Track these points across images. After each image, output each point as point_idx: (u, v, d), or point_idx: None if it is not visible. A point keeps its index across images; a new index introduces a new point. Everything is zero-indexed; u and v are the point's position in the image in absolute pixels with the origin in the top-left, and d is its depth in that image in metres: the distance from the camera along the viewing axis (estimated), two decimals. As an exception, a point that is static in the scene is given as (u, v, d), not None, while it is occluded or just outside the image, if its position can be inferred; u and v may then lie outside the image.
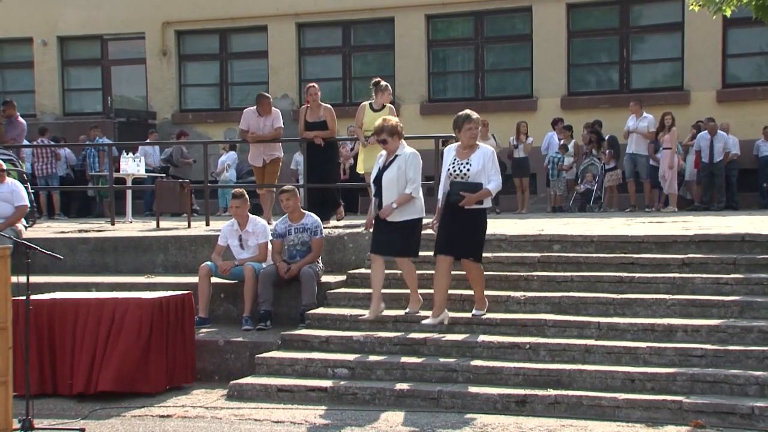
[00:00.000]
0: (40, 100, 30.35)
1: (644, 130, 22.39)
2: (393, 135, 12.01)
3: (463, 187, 11.58)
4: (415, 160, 12.10)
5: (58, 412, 10.74)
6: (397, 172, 11.94)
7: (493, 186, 11.62)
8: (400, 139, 12.14)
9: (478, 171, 11.62)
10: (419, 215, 12.17)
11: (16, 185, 14.89)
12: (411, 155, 12.09)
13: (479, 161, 11.67)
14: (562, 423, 9.57)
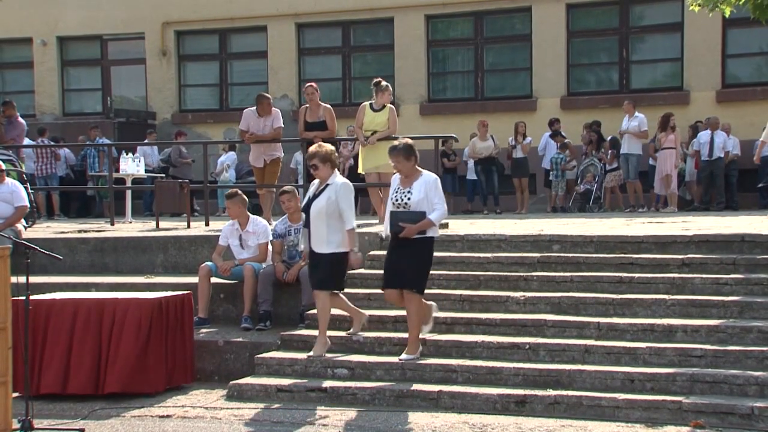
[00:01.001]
0: (40, 101, 30.35)
1: (635, 130, 22.39)
2: (325, 162, 11.57)
3: (403, 217, 11.16)
4: (346, 190, 11.63)
5: (58, 412, 10.74)
6: (327, 202, 11.45)
7: (435, 215, 11.07)
8: (333, 168, 11.70)
9: (420, 200, 11.13)
10: (343, 249, 11.52)
11: (15, 185, 14.89)
12: (342, 186, 11.61)
13: (420, 190, 11.18)
14: (561, 423, 9.57)
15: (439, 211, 11.13)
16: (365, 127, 16.00)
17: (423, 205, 11.13)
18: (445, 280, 12.68)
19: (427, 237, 11.19)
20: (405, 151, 11.42)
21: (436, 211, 11.10)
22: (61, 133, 27.46)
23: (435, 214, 11.09)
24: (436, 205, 11.13)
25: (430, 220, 11.07)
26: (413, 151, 11.46)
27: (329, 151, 11.71)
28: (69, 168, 26.45)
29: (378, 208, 16.58)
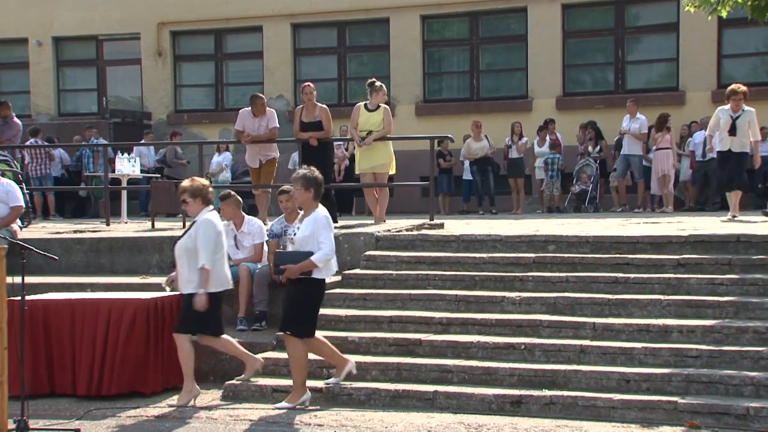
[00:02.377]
0: (36, 101, 30.32)
1: (636, 131, 22.45)
2: (195, 197, 11.12)
3: (286, 258, 10.79)
4: (206, 227, 11.03)
5: (54, 412, 10.74)
6: (187, 239, 11.04)
7: (318, 256, 10.53)
8: (204, 204, 11.15)
9: (305, 237, 10.65)
10: (213, 289, 11.04)
11: (11, 186, 14.87)
12: (202, 223, 11.07)
13: (308, 227, 10.68)
14: (557, 423, 9.57)
15: (323, 251, 10.55)
16: (360, 127, 16.01)
17: (309, 243, 10.60)
18: (440, 281, 12.70)
19: (312, 279, 10.66)
20: (303, 180, 10.83)
21: (320, 251, 10.53)
22: (56, 133, 27.43)
23: (318, 254, 10.52)
24: (322, 244, 10.56)
25: (311, 261, 10.53)
26: (313, 183, 10.81)
27: (200, 186, 11.18)
28: (64, 168, 26.43)
29: (373, 208, 16.59)
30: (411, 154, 21.00)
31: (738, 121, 16.55)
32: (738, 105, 16.63)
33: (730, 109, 16.68)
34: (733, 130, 16.63)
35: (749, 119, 16.60)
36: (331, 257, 10.71)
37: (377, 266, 13.44)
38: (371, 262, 13.53)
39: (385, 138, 16.14)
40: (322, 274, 10.74)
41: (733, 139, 16.67)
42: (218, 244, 11.08)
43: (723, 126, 16.74)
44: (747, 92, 16.96)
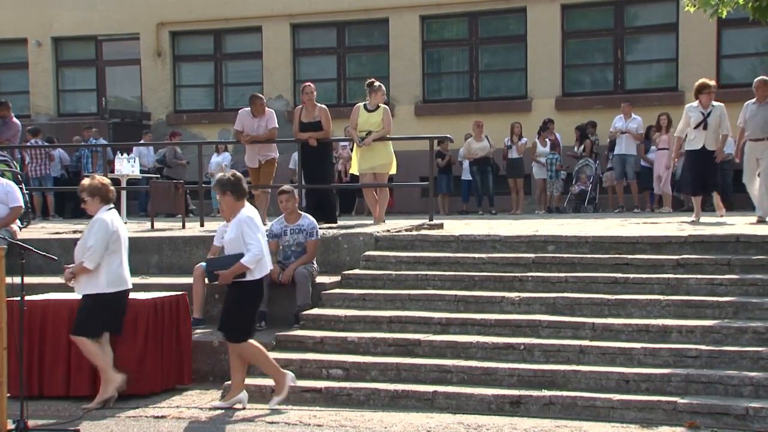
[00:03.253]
0: (35, 101, 30.32)
1: (634, 131, 22.52)
2: (93, 196, 11.00)
3: (217, 263, 10.79)
4: (98, 227, 10.91)
5: (53, 413, 10.75)
6: (82, 240, 10.92)
7: (248, 258, 10.49)
8: (103, 203, 11.03)
9: (232, 240, 10.67)
10: (100, 290, 10.91)
11: (10, 186, 14.87)
12: (95, 222, 10.96)
13: (233, 229, 10.67)
14: (556, 424, 9.58)
15: (251, 252, 10.50)
16: (360, 127, 16.01)
17: (237, 246, 10.60)
18: (440, 281, 12.70)
19: (245, 281, 10.64)
20: (218, 185, 10.81)
21: (248, 253, 10.48)
22: (56, 133, 27.43)
23: (247, 256, 10.48)
24: (249, 246, 10.51)
25: (241, 264, 10.51)
26: (229, 186, 10.72)
27: (99, 185, 11.04)
28: (64, 168, 26.43)
29: (373, 208, 16.59)
30: (410, 154, 20.99)
31: (709, 118, 16.07)
32: (709, 99, 16.11)
33: (701, 106, 16.14)
34: (705, 127, 16.09)
35: (720, 114, 16.13)
36: (260, 257, 10.60)
37: (377, 266, 13.44)
38: (370, 263, 13.53)
39: (385, 138, 16.13)
40: (256, 275, 10.69)
41: (706, 136, 16.11)
42: (112, 243, 10.98)
43: (694, 124, 16.19)
44: (715, 87, 16.49)
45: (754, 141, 16.03)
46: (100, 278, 10.91)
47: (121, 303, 11.17)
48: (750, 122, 16.09)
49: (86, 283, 10.87)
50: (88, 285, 10.89)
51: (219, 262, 10.87)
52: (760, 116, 15.97)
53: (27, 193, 17.44)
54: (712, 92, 16.15)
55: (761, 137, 15.93)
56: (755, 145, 16.03)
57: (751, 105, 16.24)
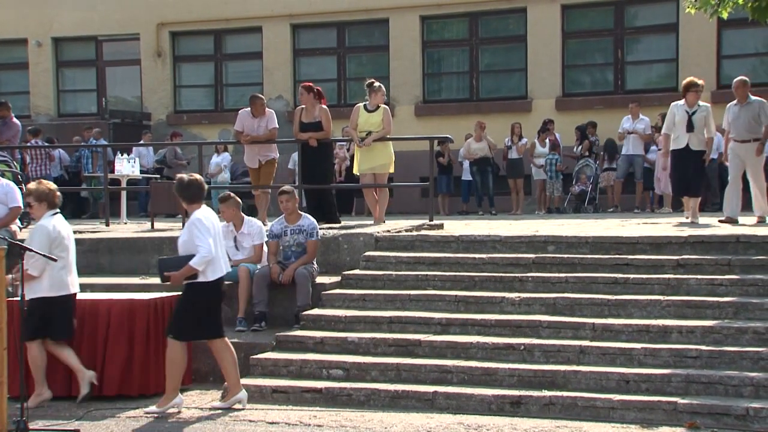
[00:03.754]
0: (35, 101, 30.31)
1: (641, 132, 22.58)
2: (40, 201, 11.06)
3: (169, 264, 10.74)
4: (39, 232, 10.92)
5: (53, 413, 10.75)
6: None
7: (195, 259, 10.46)
8: (49, 208, 11.06)
9: (184, 242, 10.67)
10: (42, 294, 10.93)
11: (10, 186, 14.87)
12: (36, 228, 11.02)
13: (185, 231, 10.71)
14: (556, 424, 9.58)
15: (199, 254, 10.46)
16: (360, 128, 16.00)
17: (189, 247, 10.58)
18: (440, 281, 12.70)
19: (196, 283, 10.61)
20: (175, 187, 10.89)
21: (197, 254, 10.46)
22: (56, 134, 27.42)
23: (195, 257, 10.46)
24: (198, 247, 10.48)
25: (189, 265, 10.50)
26: (181, 187, 10.81)
27: (46, 191, 11.07)
28: (64, 169, 26.42)
29: (373, 208, 16.58)
30: (410, 154, 20.99)
31: (694, 117, 15.71)
32: (696, 98, 15.79)
33: (686, 104, 15.80)
34: (690, 126, 15.72)
35: (705, 114, 15.79)
36: (208, 258, 10.53)
37: (377, 267, 13.44)
38: (371, 263, 13.53)
39: (385, 138, 16.13)
40: (208, 276, 10.65)
41: (690, 136, 15.72)
42: (55, 248, 10.93)
43: (679, 123, 15.81)
44: (703, 85, 16.20)
45: (739, 142, 15.82)
46: (43, 282, 10.92)
47: (64, 307, 11.12)
48: (734, 124, 15.88)
49: (29, 287, 10.67)
50: (31, 289, 10.75)
51: (171, 262, 10.84)
52: (743, 117, 15.74)
53: (27, 193, 17.42)
54: (699, 91, 15.90)
55: (746, 138, 15.73)
56: (740, 146, 15.82)
57: (733, 107, 15.99)
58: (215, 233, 10.78)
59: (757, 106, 15.73)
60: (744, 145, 15.75)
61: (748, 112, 15.71)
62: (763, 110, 15.68)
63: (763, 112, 15.67)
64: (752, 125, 15.70)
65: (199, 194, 10.81)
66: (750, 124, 15.69)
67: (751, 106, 15.74)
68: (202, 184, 10.89)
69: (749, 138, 15.70)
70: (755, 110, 15.68)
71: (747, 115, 15.70)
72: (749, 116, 15.68)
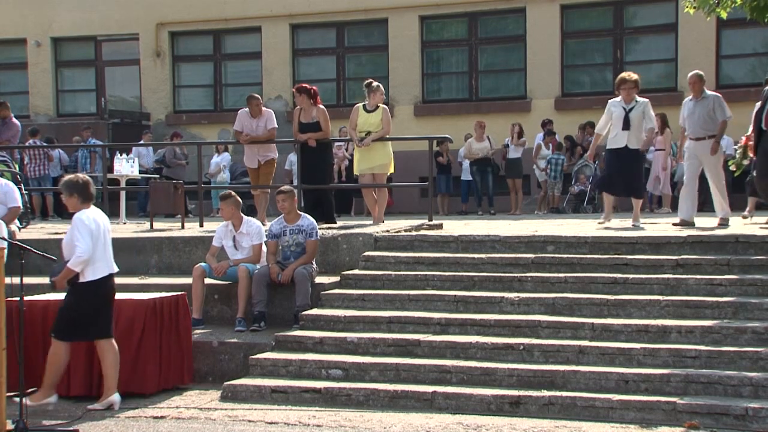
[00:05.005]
0: (34, 101, 30.33)
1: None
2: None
3: (56, 270, 10.66)
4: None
5: (52, 413, 10.73)
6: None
7: (72, 260, 10.39)
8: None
9: (67, 243, 10.55)
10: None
11: (9, 186, 14.87)
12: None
13: (69, 232, 10.56)
14: (556, 424, 9.58)
15: (75, 254, 10.37)
16: (359, 128, 16.01)
17: (71, 248, 10.49)
18: (439, 281, 12.70)
19: (78, 283, 10.54)
20: (63, 187, 10.76)
21: (73, 256, 10.38)
22: (55, 134, 27.43)
23: (72, 258, 10.38)
24: (75, 248, 10.38)
25: (67, 267, 10.44)
26: (78, 187, 10.70)
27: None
28: (63, 169, 26.40)
29: (372, 208, 16.59)
30: (410, 154, 21.01)
31: (631, 114, 15.23)
32: (630, 95, 15.29)
33: (623, 101, 15.33)
34: (626, 124, 15.24)
35: (643, 110, 15.31)
36: (83, 258, 10.44)
37: (376, 267, 13.44)
38: (370, 263, 13.53)
39: (384, 138, 16.13)
40: (87, 276, 10.59)
41: (628, 134, 15.25)
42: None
43: (616, 120, 15.33)
44: (638, 81, 15.55)
45: (695, 140, 15.28)
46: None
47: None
48: (689, 120, 15.30)
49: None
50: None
51: (59, 268, 10.80)
52: (698, 113, 15.17)
53: (26, 193, 17.43)
54: (631, 87, 15.35)
55: (701, 136, 15.17)
56: (696, 144, 15.28)
57: (688, 102, 15.46)
58: (100, 233, 10.68)
59: (712, 100, 15.20)
60: (699, 142, 15.21)
61: (703, 107, 15.17)
62: (718, 105, 15.15)
63: (718, 107, 15.14)
64: (707, 121, 15.15)
65: (90, 195, 10.75)
66: (705, 120, 15.14)
67: (705, 101, 15.19)
68: (90, 184, 10.81)
69: (704, 135, 15.14)
70: (710, 105, 15.14)
71: (702, 111, 15.16)
72: (704, 112, 15.14)
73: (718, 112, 15.15)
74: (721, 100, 15.29)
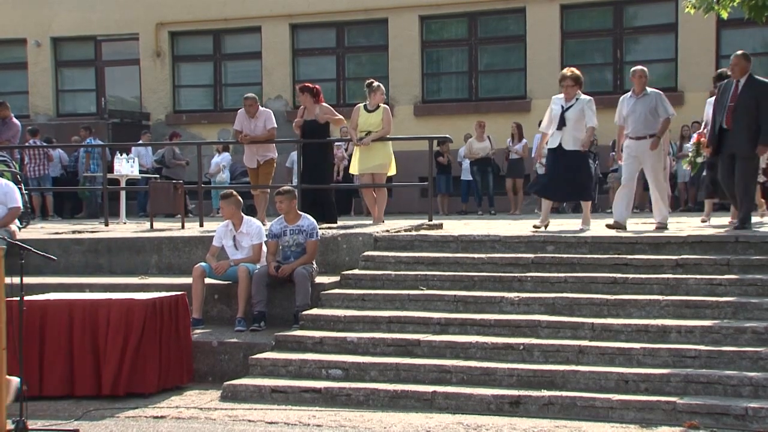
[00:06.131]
0: (34, 101, 30.34)
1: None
2: None
3: None
4: None
5: (52, 413, 10.73)
6: None
7: None
8: None
9: None
10: None
11: (9, 186, 14.88)
12: None
13: None
14: (555, 424, 9.57)
15: None
16: (360, 128, 16.01)
17: None
18: (439, 281, 12.69)
19: None
20: None
21: None
22: (55, 133, 27.43)
23: None
24: None
25: None
26: None
27: None
28: (63, 169, 26.43)
29: (372, 208, 16.59)
30: (410, 154, 21.01)
31: (567, 113, 14.55)
32: (569, 93, 14.59)
33: (563, 98, 14.65)
34: (561, 123, 14.57)
35: (582, 107, 14.54)
36: None
37: (376, 267, 13.44)
38: (370, 263, 13.52)
39: (384, 138, 16.13)
40: None
41: (563, 134, 14.58)
42: None
43: (553, 118, 14.71)
44: (579, 77, 14.76)
45: (635, 139, 14.52)
46: None
47: None
48: (629, 118, 14.55)
49: None
50: None
51: None
52: (640, 111, 14.44)
53: (26, 193, 17.43)
54: (570, 85, 14.62)
55: (642, 135, 14.43)
56: (636, 144, 14.53)
57: (628, 99, 14.67)
58: None
59: (655, 97, 14.50)
60: (640, 142, 14.49)
61: (645, 104, 14.48)
62: (661, 102, 14.50)
63: (661, 104, 14.49)
64: (649, 120, 14.45)
65: None
66: (647, 118, 14.43)
67: (647, 98, 14.49)
68: None
69: (645, 134, 14.44)
70: (652, 102, 14.47)
71: (644, 109, 14.47)
72: (646, 109, 14.45)
73: (660, 110, 14.49)
74: (663, 97, 14.66)
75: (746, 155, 13.62)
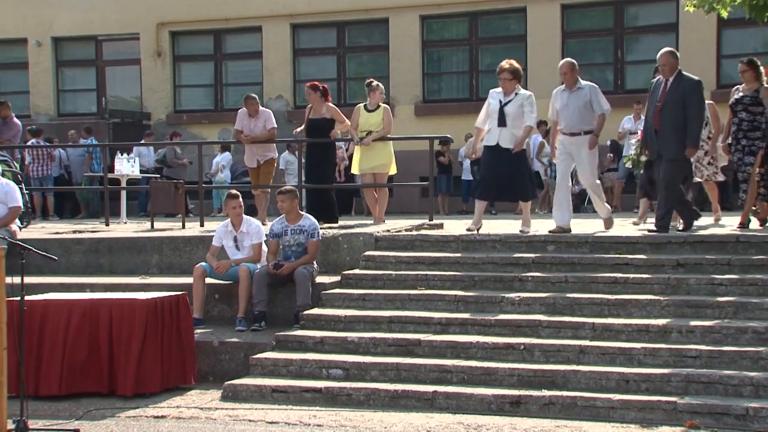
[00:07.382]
0: (35, 101, 30.35)
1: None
2: None
3: None
4: None
5: (53, 412, 10.73)
6: None
7: None
8: None
9: None
10: None
11: (10, 186, 14.88)
12: None
13: None
14: (556, 424, 9.57)
15: None
16: (360, 127, 16.02)
17: None
18: (439, 281, 12.69)
19: None
20: None
21: None
22: (56, 133, 27.42)
23: None
24: None
25: None
26: None
27: None
28: (64, 168, 26.42)
29: (372, 208, 16.59)
30: (410, 154, 21.00)
31: (507, 108, 13.84)
32: (507, 87, 13.90)
33: (502, 92, 14.01)
34: (501, 119, 13.83)
35: (522, 104, 13.87)
36: None
37: (376, 266, 13.44)
38: (370, 263, 13.52)
39: (385, 138, 16.13)
40: None
41: (501, 130, 13.80)
42: None
43: (491, 113, 14.02)
44: (518, 70, 14.14)
45: (569, 135, 13.94)
46: None
47: None
48: (562, 114, 13.94)
49: None
50: None
51: None
52: (573, 106, 13.84)
53: (27, 193, 17.43)
54: (507, 78, 14.00)
55: (576, 131, 13.87)
56: (570, 140, 13.94)
57: (560, 93, 14.04)
58: None
59: (588, 91, 13.95)
60: (574, 138, 13.91)
61: (579, 99, 13.90)
62: (595, 96, 13.94)
63: (596, 98, 13.93)
64: (584, 115, 13.87)
65: None
66: (581, 113, 13.85)
67: (581, 92, 13.93)
68: None
69: (580, 130, 13.87)
70: (586, 97, 13.92)
71: (577, 103, 13.88)
72: (580, 104, 13.87)
73: (595, 105, 13.89)
74: (597, 91, 14.07)
75: (672, 157, 13.27)
